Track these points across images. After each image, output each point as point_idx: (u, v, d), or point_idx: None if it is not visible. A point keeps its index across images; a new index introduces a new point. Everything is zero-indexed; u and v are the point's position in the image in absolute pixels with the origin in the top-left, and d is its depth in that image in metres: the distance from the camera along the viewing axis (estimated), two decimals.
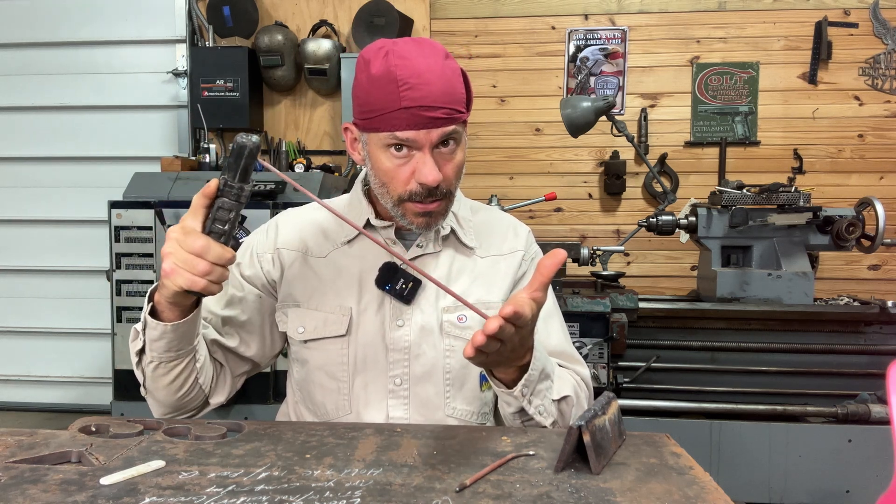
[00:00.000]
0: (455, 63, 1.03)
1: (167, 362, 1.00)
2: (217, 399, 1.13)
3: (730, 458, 2.34)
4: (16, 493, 0.69)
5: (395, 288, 1.09)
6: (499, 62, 3.57)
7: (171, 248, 0.87)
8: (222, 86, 3.40)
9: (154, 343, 0.97)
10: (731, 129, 3.46)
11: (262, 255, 1.16)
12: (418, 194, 1.02)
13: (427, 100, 0.96)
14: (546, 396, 0.99)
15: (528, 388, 0.96)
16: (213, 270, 0.87)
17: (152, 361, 1.00)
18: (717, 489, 0.74)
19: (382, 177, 1.04)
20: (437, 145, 1.01)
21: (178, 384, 1.04)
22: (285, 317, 1.14)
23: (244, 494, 0.70)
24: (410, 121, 0.97)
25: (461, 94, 1.01)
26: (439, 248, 1.14)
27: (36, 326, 3.78)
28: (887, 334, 2.42)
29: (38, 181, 3.75)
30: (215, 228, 0.87)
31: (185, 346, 0.99)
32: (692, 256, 3.45)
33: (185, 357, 1.01)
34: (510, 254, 1.17)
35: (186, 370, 1.03)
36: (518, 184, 3.58)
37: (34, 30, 3.69)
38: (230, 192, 0.86)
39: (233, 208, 0.87)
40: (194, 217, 0.88)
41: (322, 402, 1.13)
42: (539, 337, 1.13)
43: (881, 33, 3.36)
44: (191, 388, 1.06)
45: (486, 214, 1.23)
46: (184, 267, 0.86)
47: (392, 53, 0.98)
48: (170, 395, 1.05)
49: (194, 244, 0.85)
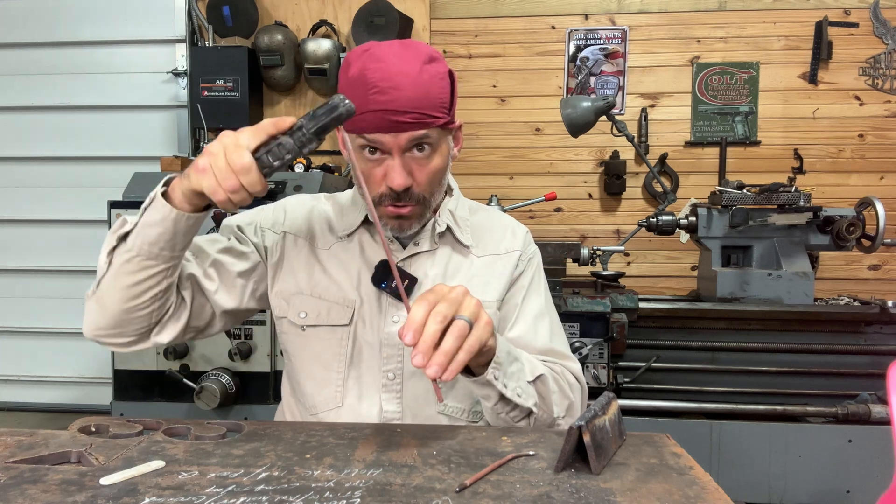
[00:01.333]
0: (441, 67, 1.02)
1: (143, 258, 0.94)
2: (161, 337, 1.05)
3: (730, 458, 2.34)
4: (16, 494, 0.69)
5: (391, 286, 1.09)
6: (499, 62, 3.56)
7: (215, 151, 0.85)
8: (222, 86, 3.39)
9: (146, 229, 0.93)
10: (731, 129, 3.46)
11: (265, 230, 1.16)
12: (388, 196, 1.03)
13: (394, 104, 0.97)
14: (520, 378, 0.99)
15: (499, 371, 0.95)
16: (240, 192, 0.85)
17: (129, 251, 0.94)
18: (717, 489, 0.74)
19: (361, 178, 1.04)
20: (409, 149, 1.02)
21: (138, 291, 0.97)
22: (286, 304, 1.13)
23: (244, 494, 0.70)
24: (377, 124, 0.98)
25: (439, 99, 1.00)
26: (435, 245, 1.15)
27: (36, 326, 3.77)
28: (887, 334, 2.42)
29: (38, 181, 3.75)
30: (265, 160, 0.85)
31: (170, 249, 0.95)
32: (692, 256, 3.45)
33: (161, 263, 0.95)
34: (507, 254, 1.18)
35: (153, 280, 0.96)
36: (518, 184, 3.58)
37: (34, 30, 3.69)
38: (299, 137, 0.85)
39: (291, 151, 0.85)
40: (254, 136, 0.86)
41: (311, 394, 1.12)
42: (526, 335, 1.14)
43: (881, 33, 3.36)
44: (146, 303, 0.98)
45: (484, 214, 1.24)
46: (216, 173, 0.85)
47: (369, 56, 0.99)
48: (121, 302, 0.97)
49: (238, 160, 0.84)
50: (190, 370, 2.59)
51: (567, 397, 1.09)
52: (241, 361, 2.57)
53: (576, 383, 1.13)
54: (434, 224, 1.15)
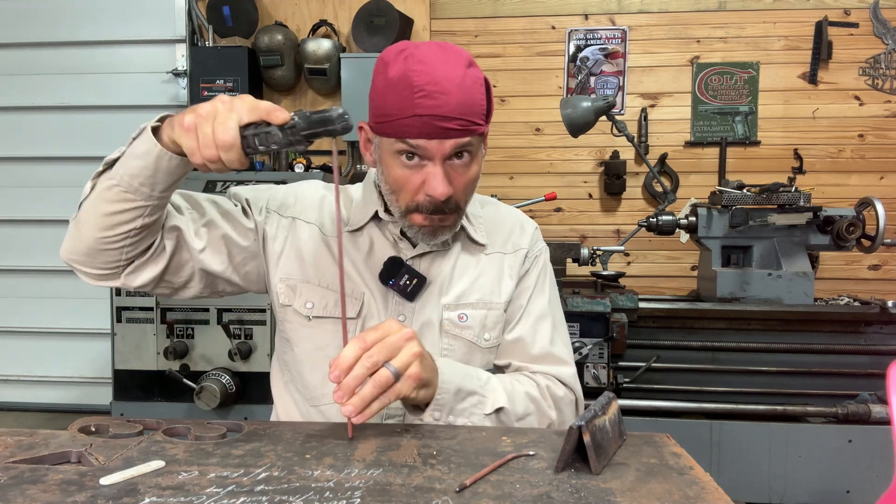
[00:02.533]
0: (478, 72, 1.00)
1: (123, 190, 0.92)
2: (132, 278, 1.02)
3: (730, 458, 2.34)
4: (15, 494, 0.69)
5: (399, 283, 1.07)
6: (499, 62, 3.57)
7: (206, 114, 0.85)
8: (222, 86, 3.39)
9: (130, 160, 0.91)
10: (731, 129, 3.46)
11: (271, 212, 1.13)
12: (425, 207, 1.00)
13: (442, 109, 0.94)
14: (474, 413, 0.99)
15: (440, 412, 0.96)
16: (217, 163, 0.85)
17: (111, 178, 0.93)
18: (717, 489, 0.74)
19: (392, 184, 1.02)
20: (449, 157, 0.99)
21: (113, 222, 0.95)
22: (292, 292, 1.10)
23: (244, 494, 0.70)
24: (423, 129, 0.95)
25: (480, 106, 0.98)
26: (448, 245, 1.13)
27: (36, 326, 3.77)
28: (887, 334, 2.42)
29: (38, 181, 3.75)
30: (251, 141, 0.85)
31: (150, 187, 0.92)
32: (692, 256, 3.45)
33: (139, 200, 0.93)
34: (514, 252, 1.16)
35: (129, 214, 0.94)
36: (518, 184, 3.58)
37: (34, 30, 3.69)
38: (289, 134, 0.84)
39: (278, 144, 0.85)
40: (249, 112, 0.85)
41: (314, 385, 1.11)
42: (525, 337, 1.13)
43: (881, 33, 3.36)
44: (119, 237, 0.96)
45: (492, 208, 1.22)
46: (199, 138, 0.84)
47: (411, 58, 0.95)
48: (95, 229, 0.96)
49: (224, 134, 0.83)
50: (190, 370, 2.59)
51: (547, 416, 1.07)
52: (241, 361, 2.57)
53: (565, 395, 1.11)
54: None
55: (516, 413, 1.03)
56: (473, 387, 1.00)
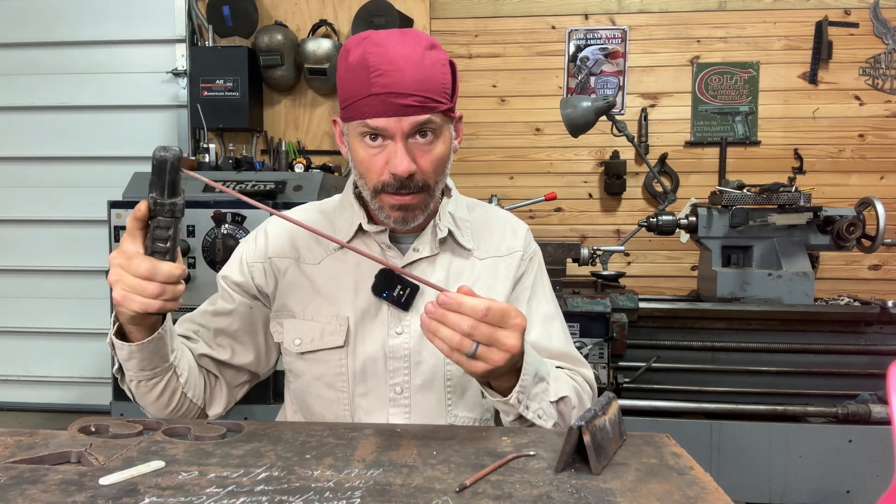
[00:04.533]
0: (441, 54, 1.00)
1: (146, 381, 1.00)
2: (215, 410, 1.14)
3: (730, 458, 2.34)
4: (15, 494, 0.69)
5: (393, 295, 1.06)
6: (499, 62, 3.56)
7: (118, 275, 0.85)
8: (222, 86, 3.39)
9: (126, 363, 0.97)
10: (731, 129, 3.46)
11: (252, 264, 1.13)
12: (391, 185, 0.99)
13: (398, 86, 0.94)
14: (543, 399, 0.98)
15: (523, 394, 0.94)
16: (166, 290, 0.85)
17: (132, 381, 1.00)
18: (717, 489, 0.74)
19: (359, 167, 1.02)
20: (412, 135, 0.98)
21: (165, 401, 1.03)
22: (280, 328, 1.12)
23: (244, 495, 0.70)
24: (380, 108, 0.95)
25: (442, 85, 0.98)
26: (436, 251, 1.10)
27: (36, 326, 3.77)
28: (888, 334, 2.42)
29: (38, 181, 3.75)
30: (157, 248, 0.85)
31: (159, 363, 0.98)
32: (692, 256, 3.45)
33: (162, 374, 1.00)
34: (508, 255, 1.15)
35: (169, 387, 1.02)
36: (518, 184, 3.58)
37: (34, 29, 3.69)
38: (163, 210, 0.83)
39: (170, 225, 0.84)
40: (133, 240, 0.85)
41: (321, 414, 1.11)
42: (541, 340, 1.12)
43: (881, 33, 3.36)
44: (179, 403, 1.05)
45: (482, 212, 1.20)
46: (134, 292, 0.84)
47: (369, 41, 0.97)
48: (159, 410, 1.05)
49: (139, 268, 0.83)
50: None
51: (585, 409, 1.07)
52: None
53: (592, 394, 1.12)
54: (435, 228, 1.10)
55: (572, 404, 1.03)
56: (545, 372, 0.99)
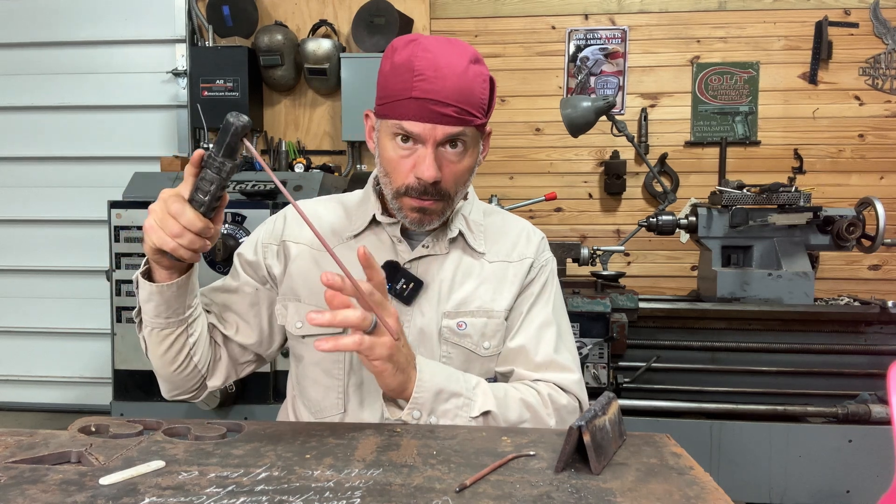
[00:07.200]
0: (483, 69, 1.02)
1: (159, 329, 1.03)
2: (214, 382, 1.15)
3: (730, 458, 2.34)
4: (15, 494, 0.69)
5: (396, 287, 1.07)
6: (499, 62, 3.56)
7: (156, 207, 0.90)
8: (222, 86, 3.39)
9: (145, 304, 1.01)
10: (731, 129, 3.46)
11: (266, 245, 1.16)
12: (414, 189, 1.02)
13: (438, 94, 0.96)
14: (458, 415, 0.98)
15: (419, 411, 0.95)
16: (184, 234, 0.89)
17: (147, 327, 1.04)
18: (717, 489, 0.74)
19: (386, 165, 1.04)
20: (443, 144, 1.00)
21: (171, 356, 1.06)
22: (284, 310, 1.14)
23: (244, 495, 0.70)
24: (418, 112, 0.97)
25: (480, 99, 1.00)
26: (446, 250, 1.12)
27: (36, 326, 3.77)
28: (888, 334, 2.42)
29: (38, 181, 3.75)
30: (196, 197, 0.90)
31: (173, 315, 1.01)
32: (692, 256, 3.45)
33: (175, 327, 1.03)
34: (519, 261, 1.15)
35: (178, 342, 1.05)
36: (518, 184, 3.58)
37: (34, 30, 3.69)
38: (212, 165, 0.88)
39: (214, 181, 0.88)
40: (184, 184, 0.91)
41: (316, 399, 1.12)
42: (527, 346, 1.11)
43: (881, 33, 3.36)
44: (184, 363, 1.07)
45: (498, 218, 1.21)
46: (159, 225, 0.89)
47: (418, 45, 0.99)
48: (164, 366, 1.08)
49: (172, 206, 0.88)
50: None
51: (544, 424, 1.05)
52: None
53: (568, 403, 1.09)
54: (446, 229, 1.12)
55: (507, 419, 1.02)
56: (458, 388, 0.99)
